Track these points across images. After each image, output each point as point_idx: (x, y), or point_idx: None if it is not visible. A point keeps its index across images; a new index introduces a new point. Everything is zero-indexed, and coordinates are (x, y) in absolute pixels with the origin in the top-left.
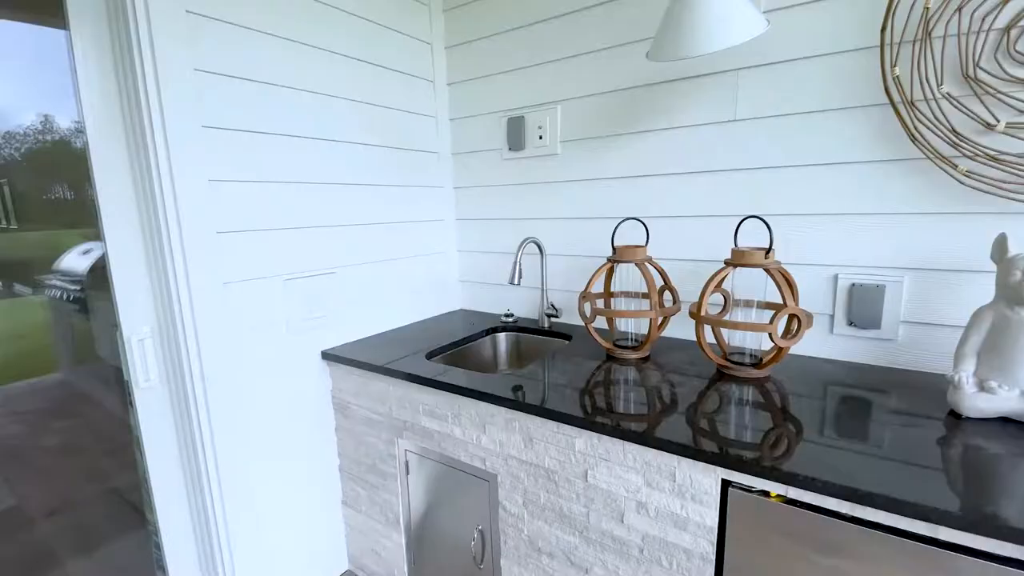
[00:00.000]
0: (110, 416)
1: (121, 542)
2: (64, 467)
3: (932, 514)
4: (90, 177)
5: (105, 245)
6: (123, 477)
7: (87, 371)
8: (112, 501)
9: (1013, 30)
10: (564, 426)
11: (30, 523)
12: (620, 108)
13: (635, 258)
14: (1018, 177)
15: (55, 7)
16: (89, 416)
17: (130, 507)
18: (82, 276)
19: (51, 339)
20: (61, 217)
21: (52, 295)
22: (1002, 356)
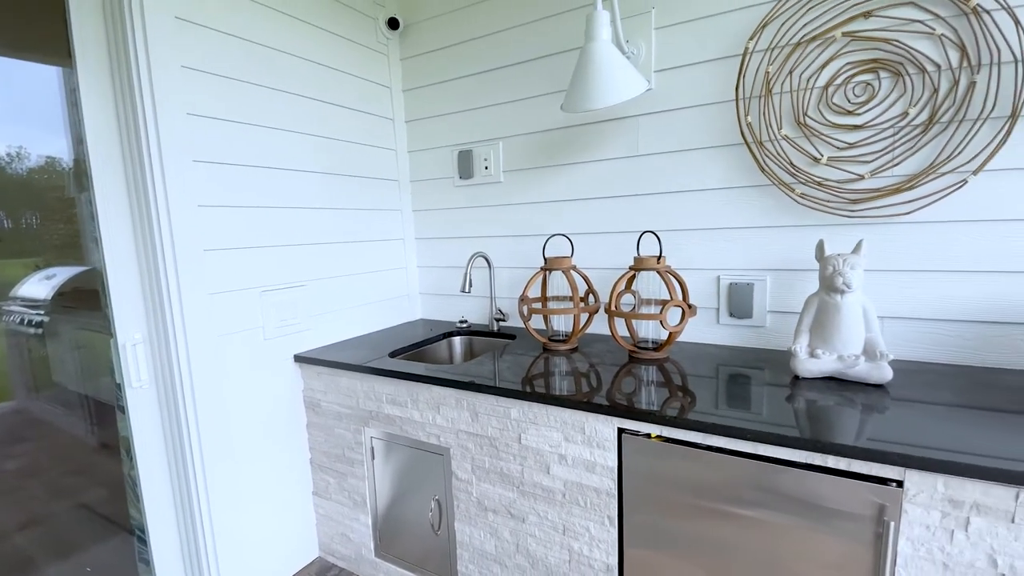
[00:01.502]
0: (72, 438)
1: (97, 551)
2: (28, 487)
3: (763, 437)
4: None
5: (104, 261)
6: (92, 493)
7: (46, 397)
8: (83, 516)
9: (830, 88)
10: (502, 399)
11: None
12: (551, 144)
13: (562, 267)
14: (836, 197)
15: (64, 49)
16: (50, 440)
17: (103, 519)
18: (44, 301)
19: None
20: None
21: (10, 321)
22: (824, 330)
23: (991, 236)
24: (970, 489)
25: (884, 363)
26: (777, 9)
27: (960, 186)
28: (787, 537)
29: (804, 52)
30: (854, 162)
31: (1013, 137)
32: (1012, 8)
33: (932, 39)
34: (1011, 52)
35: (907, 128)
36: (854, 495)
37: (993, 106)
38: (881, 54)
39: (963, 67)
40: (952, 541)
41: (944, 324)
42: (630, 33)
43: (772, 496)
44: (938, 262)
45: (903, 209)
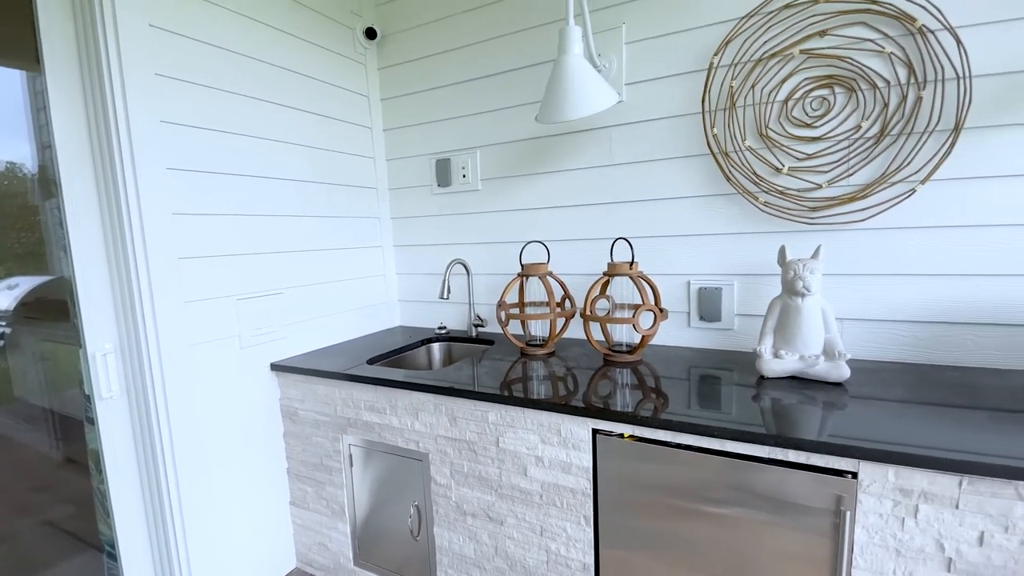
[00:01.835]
0: (36, 454)
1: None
2: None
3: (730, 434)
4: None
5: (73, 269)
6: (58, 509)
7: (7, 412)
8: (49, 533)
9: (790, 102)
10: (480, 403)
11: None
12: (528, 153)
13: (539, 273)
14: (797, 206)
15: (31, 54)
16: (12, 456)
17: (70, 536)
18: (5, 312)
19: None
20: None
21: None
22: (786, 331)
23: (938, 242)
24: (918, 478)
25: (842, 362)
26: (739, 27)
27: (909, 195)
28: (754, 531)
29: (765, 68)
30: (813, 172)
31: (956, 149)
32: (954, 28)
33: (882, 57)
34: (954, 69)
35: (860, 140)
36: (814, 488)
37: (938, 120)
38: (836, 70)
39: (910, 83)
40: (903, 528)
41: (897, 325)
42: (602, 47)
43: (739, 492)
44: (890, 266)
45: (858, 216)
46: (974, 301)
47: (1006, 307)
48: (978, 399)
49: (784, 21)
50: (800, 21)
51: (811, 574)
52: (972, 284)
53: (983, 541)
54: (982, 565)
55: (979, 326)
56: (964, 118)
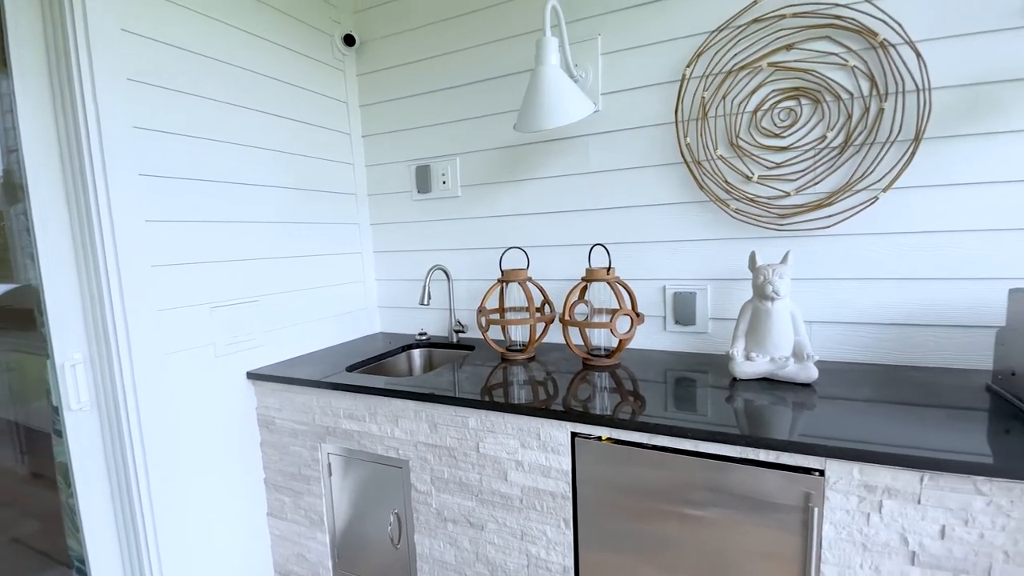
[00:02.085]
0: (1, 469)
1: None
2: None
3: (704, 435)
4: (28, 213)
5: (40, 277)
6: (24, 526)
7: None
8: (15, 551)
9: (759, 112)
10: (460, 408)
11: None
12: (507, 160)
13: (518, 278)
14: (767, 213)
15: None
16: None
17: (38, 553)
18: None
19: None
20: None
21: None
22: (757, 334)
23: (900, 247)
24: (882, 475)
25: (810, 364)
26: (710, 40)
27: (872, 202)
28: (729, 529)
29: (735, 80)
30: (781, 180)
31: (916, 158)
32: (914, 43)
33: (846, 70)
34: (914, 82)
35: (826, 150)
36: (784, 486)
37: (899, 130)
38: (802, 83)
39: (873, 95)
40: (869, 523)
41: (862, 327)
42: (578, 57)
43: (714, 491)
44: (855, 271)
45: (824, 223)
46: (934, 304)
47: (964, 310)
48: (938, 398)
49: (753, 35)
50: (768, 35)
51: (783, 570)
52: (932, 288)
53: (944, 534)
54: (944, 558)
55: (939, 328)
56: (924, 128)
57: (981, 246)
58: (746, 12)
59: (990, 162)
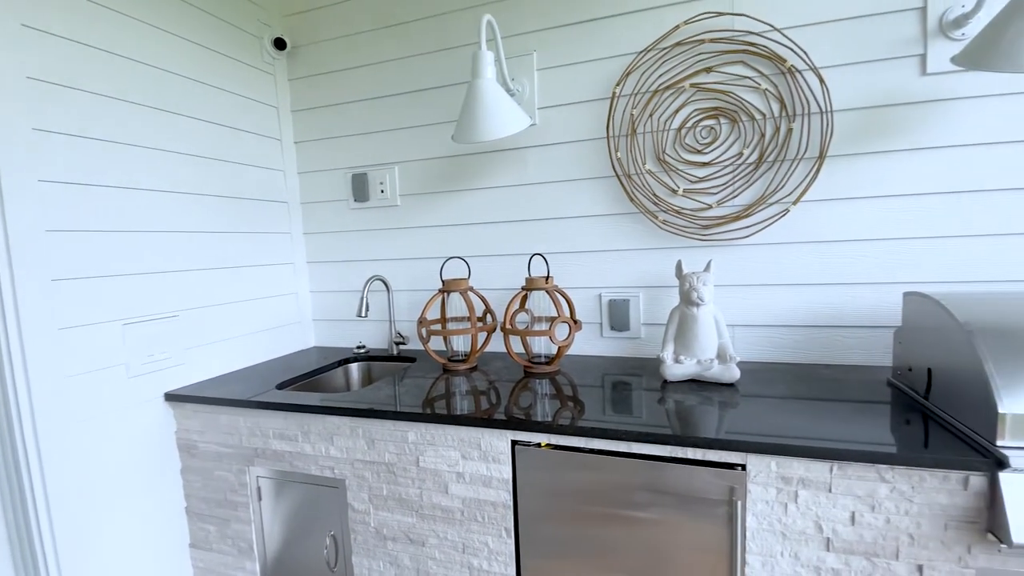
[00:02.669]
0: None
1: None
2: None
3: (637, 436)
4: None
5: None
6: None
7: None
8: None
9: (683, 130)
10: (399, 423)
11: None
12: (447, 170)
13: (459, 288)
14: (691, 224)
15: None
16: None
17: None
18: None
19: None
20: None
21: None
22: (685, 338)
23: (809, 255)
24: (797, 467)
25: (733, 365)
26: (638, 61)
27: (784, 214)
28: (664, 527)
29: (661, 99)
30: (704, 193)
31: (822, 174)
32: (818, 69)
33: (759, 92)
34: (818, 105)
35: (742, 166)
36: (711, 481)
37: (806, 148)
38: (720, 103)
39: (783, 116)
40: (787, 512)
41: (778, 329)
42: (515, 72)
43: (649, 491)
44: (771, 277)
45: (742, 233)
46: (840, 307)
47: (866, 311)
48: (846, 393)
49: (676, 57)
50: (690, 58)
51: (714, 562)
52: (838, 292)
53: (855, 520)
54: (855, 542)
55: (845, 328)
56: (827, 147)
57: (879, 253)
58: (670, 36)
59: (886, 177)
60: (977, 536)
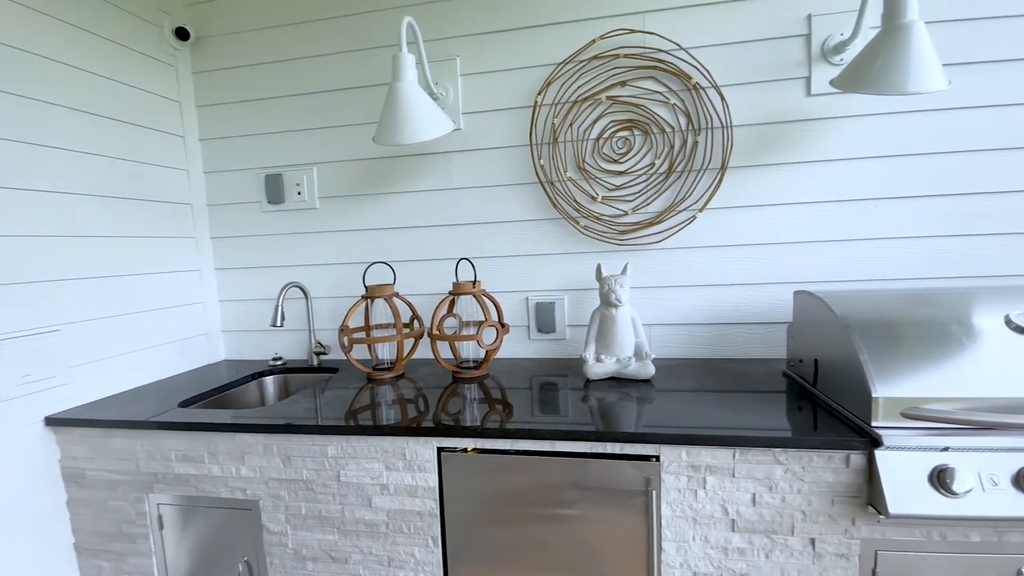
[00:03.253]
0: None
1: None
2: None
3: (559, 435)
4: None
5: None
6: None
7: None
8: None
9: (600, 140)
10: (318, 437)
11: None
12: (370, 172)
13: (384, 294)
14: (610, 229)
15: None
16: None
17: None
18: None
19: None
20: None
21: None
22: (605, 338)
23: (714, 258)
24: (704, 455)
25: (648, 362)
26: (558, 71)
27: (691, 221)
28: (589, 522)
29: (580, 109)
30: (620, 200)
31: (724, 183)
32: (719, 87)
33: (668, 107)
34: (720, 120)
35: (654, 175)
36: (629, 474)
37: (710, 160)
38: (634, 116)
39: (689, 129)
40: (696, 499)
41: (689, 327)
42: (439, 75)
43: (573, 488)
44: (681, 279)
45: (656, 238)
46: (741, 305)
47: (764, 308)
48: (747, 384)
49: (594, 70)
50: (606, 71)
51: (635, 552)
52: (739, 292)
53: (755, 501)
54: (757, 522)
55: (747, 325)
56: (728, 159)
57: (773, 256)
58: (587, 49)
59: (778, 187)
60: (860, 509)
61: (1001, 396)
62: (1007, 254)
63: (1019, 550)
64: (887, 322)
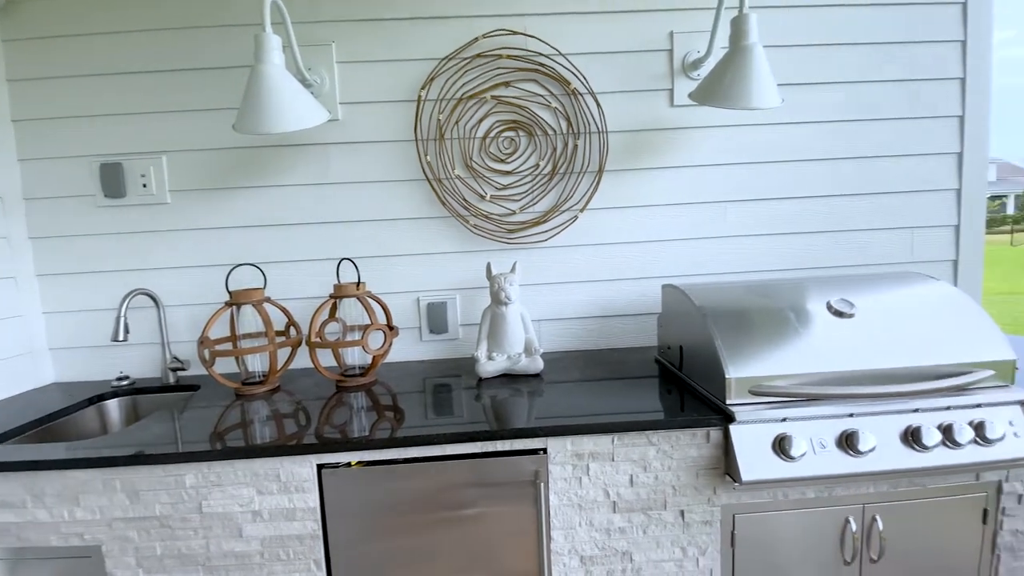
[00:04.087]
0: None
1: None
2: None
3: (449, 438)
4: None
5: None
6: None
7: None
8: None
9: (487, 139)
10: (171, 467)
11: None
12: (235, 163)
13: (252, 300)
14: (499, 228)
15: None
16: None
17: None
18: None
19: None
20: None
21: None
22: (496, 336)
23: (594, 255)
24: (586, 443)
25: (537, 357)
26: (441, 67)
27: (574, 220)
28: (484, 520)
29: (466, 107)
30: (509, 200)
31: (602, 185)
32: (596, 93)
33: (550, 110)
34: (597, 125)
35: (539, 176)
36: (519, 468)
37: (589, 163)
38: (519, 117)
39: (570, 133)
40: (581, 485)
41: (574, 321)
42: (312, 61)
43: (464, 488)
44: (566, 276)
45: (542, 237)
46: (618, 298)
47: (637, 301)
48: (625, 372)
49: (478, 68)
50: (490, 71)
51: (526, 544)
52: (617, 286)
53: (633, 482)
54: (635, 501)
55: (623, 317)
56: (605, 163)
57: (644, 253)
58: (470, 47)
59: (648, 190)
60: (719, 479)
61: (826, 371)
62: (831, 248)
63: (846, 502)
64: (737, 311)
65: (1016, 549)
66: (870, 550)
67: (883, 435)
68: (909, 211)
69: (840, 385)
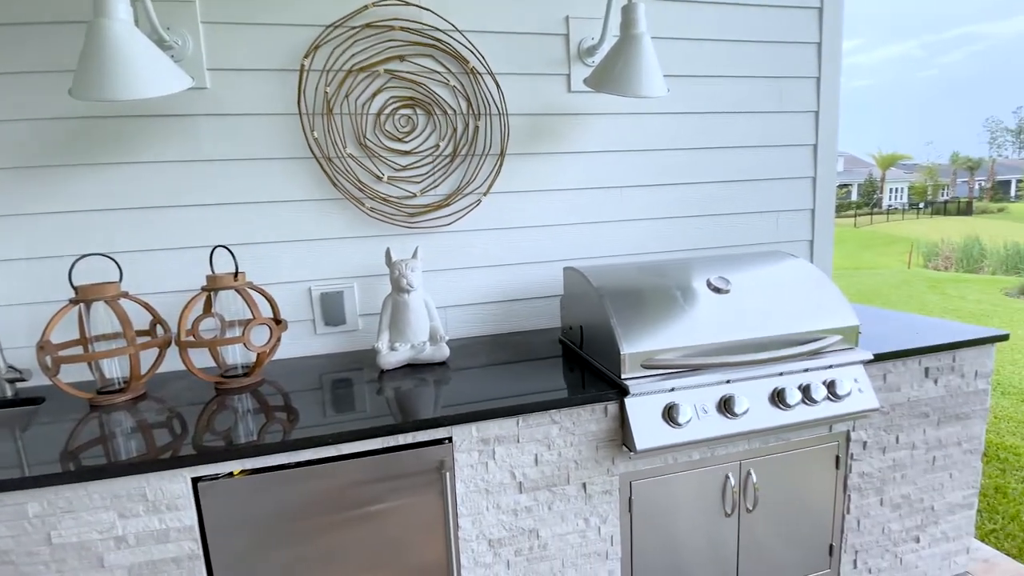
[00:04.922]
0: None
1: None
2: None
3: (344, 437)
4: None
5: None
6: None
7: None
8: None
9: (382, 116)
10: (9, 495)
11: None
12: (80, 137)
13: (105, 295)
14: (399, 212)
15: None
16: None
17: None
18: None
19: None
20: None
21: None
22: (399, 325)
23: (498, 240)
24: (492, 427)
25: (443, 344)
26: (327, 35)
27: (477, 204)
28: (390, 516)
29: (356, 80)
30: (408, 182)
31: (504, 169)
32: (495, 74)
33: (448, 88)
34: (497, 107)
35: (440, 157)
36: (425, 460)
37: (491, 146)
38: (415, 94)
39: (471, 114)
40: (488, 470)
41: (479, 306)
42: (169, 19)
43: (367, 486)
44: (470, 260)
45: (445, 221)
46: (520, 282)
47: (538, 284)
48: (530, 353)
49: (368, 39)
50: (382, 42)
51: (434, 535)
52: (521, 270)
53: (538, 461)
54: (540, 479)
55: (528, 300)
56: (506, 146)
57: (546, 236)
58: (359, 15)
59: (548, 175)
60: (616, 450)
61: (707, 342)
62: (713, 230)
63: (725, 460)
64: (631, 290)
65: (863, 488)
66: (746, 501)
67: (754, 398)
68: (774, 196)
69: (719, 355)
